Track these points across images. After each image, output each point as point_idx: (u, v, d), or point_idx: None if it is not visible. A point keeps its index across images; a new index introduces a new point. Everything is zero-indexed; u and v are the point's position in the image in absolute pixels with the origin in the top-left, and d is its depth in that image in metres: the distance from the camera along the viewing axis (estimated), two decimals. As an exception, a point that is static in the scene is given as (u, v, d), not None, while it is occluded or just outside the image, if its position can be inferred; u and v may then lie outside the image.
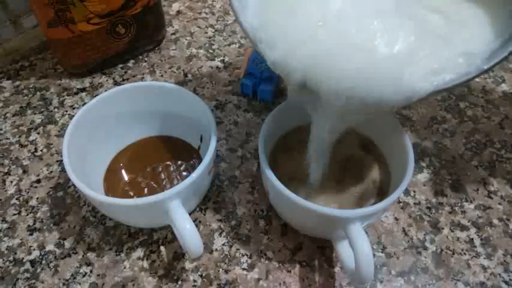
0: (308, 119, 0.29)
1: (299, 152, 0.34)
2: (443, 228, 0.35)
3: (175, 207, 0.28)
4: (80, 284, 0.31)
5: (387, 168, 0.33)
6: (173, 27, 0.52)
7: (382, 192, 0.32)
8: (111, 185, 0.35)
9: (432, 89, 0.23)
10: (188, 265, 0.32)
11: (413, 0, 0.26)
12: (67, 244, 0.34)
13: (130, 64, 0.48)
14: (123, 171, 0.36)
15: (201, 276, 0.32)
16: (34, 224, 0.35)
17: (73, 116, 0.33)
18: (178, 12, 0.54)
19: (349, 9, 0.25)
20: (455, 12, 0.26)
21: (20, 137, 0.41)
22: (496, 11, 0.25)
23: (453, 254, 0.33)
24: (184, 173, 0.36)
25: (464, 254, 0.33)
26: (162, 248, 0.33)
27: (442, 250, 0.34)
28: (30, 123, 0.42)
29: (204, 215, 0.35)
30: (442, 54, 0.24)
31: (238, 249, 0.33)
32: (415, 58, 0.23)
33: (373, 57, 0.23)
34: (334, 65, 0.23)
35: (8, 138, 0.41)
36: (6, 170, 0.38)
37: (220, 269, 0.32)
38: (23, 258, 0.33)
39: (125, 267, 0.32)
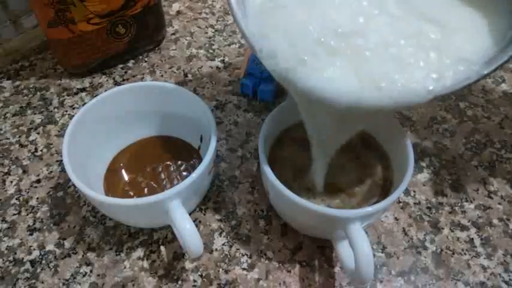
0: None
1: (300, 147, 0.34)
2: (443, 228, 0.35)
3: (175, 207, 0.28)
4: (80, 284, 0.31)
5: (390, 167, 0.33)
6: (173, 27, 0.52)
7: (384, 192, 0.32)
8: (111, 185, 0.35)
9: (432, 95, 0.23)
10: (188, 265, 0.32)
11: (408, 10, 0.26)
12: (67, 244, 0.34)
13: (130, 64, 0.48)
14: (123, 171, 0.36)
15: (201, 276, 0.32)
16: (34, 224, 0.35)
17: (73, 116, 0.33)
18: (178, 12, 0.54)
19: (346, 24, 0.25)
20: (451, 20, 0.26)
21: (20, 137, 0.41)
22: (494, 18, 0.26)
23: (453, 254, 0.33)
24: (184, 173, 0.36)
25: (464, 254, 0.33)
26: (162, 248, 0.33)
27: (442, 250, 0.34)
28: (30, 123, 0.42)
29: (204, 215, 0.35)
30: (441, 61, 0.24)
31: (238, 249, 0.33)
32: (414, 66, 0.24)
33: (373, 69, 0.24)
34: (335, 82, 0.24)
35: (8, 138, 0.41)
36: (6, 170, 0.38)
37: (220, 269, 0.32)
38: (23, 258, 0.33)
39: (125, 267, 0.32)
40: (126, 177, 0.36)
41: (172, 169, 0.36)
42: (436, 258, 0.33)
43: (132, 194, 0.34)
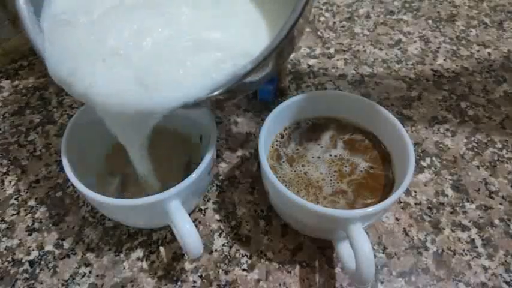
0: (308, 114, 0.28)
1: (299, 146, 0.34)
2: (444, 229, 0.35)
3: (175, 208, 0.28)
4: (79, 284, 0.31)
5: (391, 167, 0.33)
6: (173, 26, 0.52)
7: (385, 192, 0.32)
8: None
9: (206, 93, 0.25)
10: (188, 266, 0.32)
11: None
12: (66, 244, 0.33)
13: (129, 64, 0.47)
14: (123, 171, 0.36)
15: (200, 277, 0.32)
16: (33, 224, 0.35)
17: (72, 115, 0.33)
18: (178, 11, 0.54)
19: (123, 47, 0.26)
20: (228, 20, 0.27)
21: (18, 136, 0.41)
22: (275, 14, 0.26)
23: (454, 254, 0.33)
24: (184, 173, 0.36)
25: (465, 254, 0.33)
26: (161, 248, 0.33)
27: (443, 250, 0.33)
28: (29, 123, 0.42)
29: (204, 215, 0.35)
30: (211, 57, 0.25)
31: (238, 249, 0.33)
32: (185, 64, 0.25)
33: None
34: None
35: (7, 138, 0.41)
36: (5, 170, 0.38)
37: (220, 270, 0.32)
38: (21, 259, 0.33)
39: (124, 268, 0.32)
40: (125, 177, 0.35)
41: (172, 169, 0.36)
42: (437, 259, 0.33)
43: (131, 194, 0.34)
